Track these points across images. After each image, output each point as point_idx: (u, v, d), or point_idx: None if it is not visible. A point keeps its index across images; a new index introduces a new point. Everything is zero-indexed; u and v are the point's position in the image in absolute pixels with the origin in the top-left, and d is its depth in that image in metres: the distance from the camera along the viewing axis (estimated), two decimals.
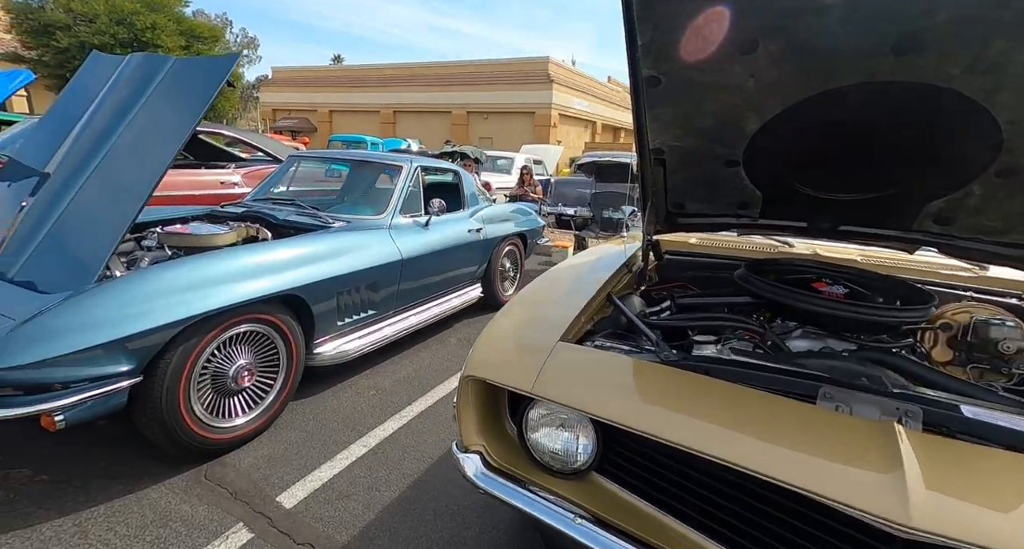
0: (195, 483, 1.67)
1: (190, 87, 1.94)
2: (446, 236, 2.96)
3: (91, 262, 1.63)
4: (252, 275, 1.84)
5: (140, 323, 1.48)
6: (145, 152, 1.84)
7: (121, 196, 1.76)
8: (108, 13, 13.45)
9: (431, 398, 2.33)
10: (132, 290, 1.53)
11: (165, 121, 1.89)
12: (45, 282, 1.60)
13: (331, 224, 2.51)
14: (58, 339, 1.36)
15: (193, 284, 1.66)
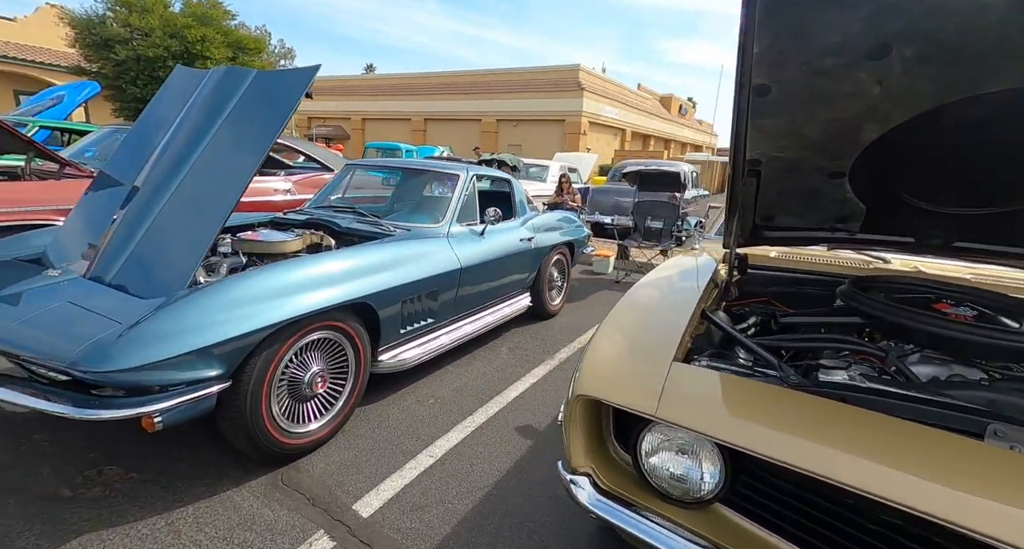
0: (273, 487, 1.69)
1: (271, 99, 2.00)
2: (500, 245, 2.95)
3: (182, 269, 1.68)
4: (329, 282, 1.87)
5: (234, 327, 1.52)
6: (229, 164, 1.90)
7: (207, 207, 1.82)
8: (162, 27, 14.23)
9: (491, 409, 2.31)
10: (226, 296, 1.57)
11: (248, 133, 1.95)
12: (140, 288, 1.67)
13: (392, 232, 2.54)
14: (162, 343, 1.40)
15: (279, 290, 1.69)
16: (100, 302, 1.57)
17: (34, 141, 3.08)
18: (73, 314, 1.50)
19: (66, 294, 1.62)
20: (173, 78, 2.35)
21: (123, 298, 1.61)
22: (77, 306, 1.54)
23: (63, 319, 1.48)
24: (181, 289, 1.64)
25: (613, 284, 4.94)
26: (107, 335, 1.39)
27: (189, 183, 1.91)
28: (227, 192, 1.80)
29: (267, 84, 2.06)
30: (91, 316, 1.49)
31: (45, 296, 1.61)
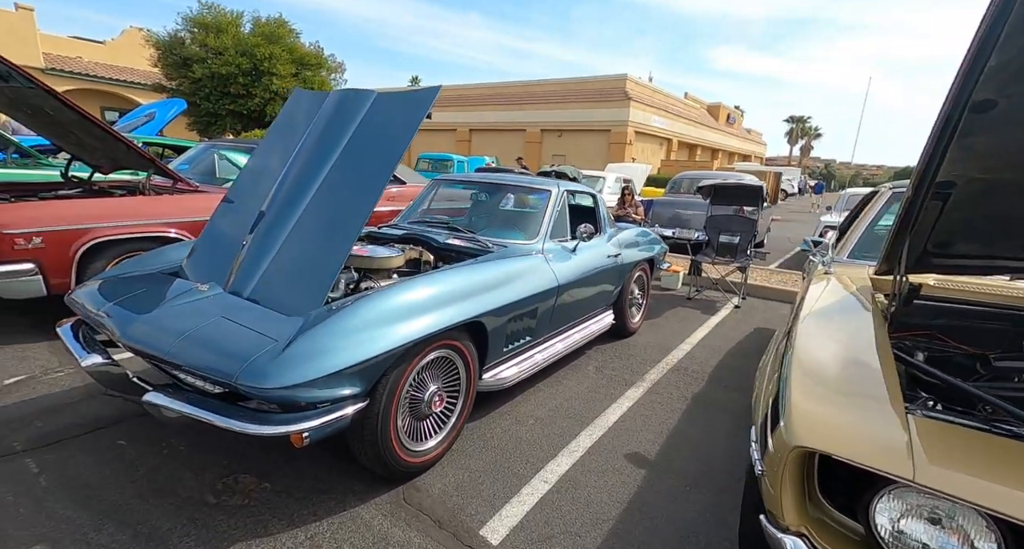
0: (397, 506, 1.69)
1: (393, 120, 2.05)
2: (591, 261, 2.90)
3: (318, 288, 1.73)
4: (452, 300, 1.88)
5: (377, 346, 1.54)
6: (355, 185, 1.95)
7: (336, 227, 1.87)
8: (235, 46, 15.27)
9: (594, 433, 2.24)
10: (368, 315, 1.60)
11: (371, 154, 2.00)
12: (280, 304, 1.73)
13: (490, 248, 2.54)
14: (316, 362, 1.43)
15: (412, 309, 1.71)
16: (249, 318, 1.63)
17: (154, 158, 3.33)
18: (229, 329, 1.57)
19: (217, 309, 1.69)
20: (292, 101, 2.47)
21: (267, 314, 1.67)
22: (230, 321, 1.61)
23: (222, 334, 1.55)
24: (317, 307, 1.68)
25: (685, 300, 4.76)
26: (265, 353, 1.44)
27: (317, 204, 1.98)
28: (355, 212, 1.85)
29: (388, 105, 2.11)
30: (246, 332, 1.55)
31: (200, 310, 1.69)
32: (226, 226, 2.20)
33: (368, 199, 1.86)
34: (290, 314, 1.66)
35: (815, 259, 2.40)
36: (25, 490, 1.69)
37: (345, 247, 1.78)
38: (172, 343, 1.52)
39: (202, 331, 1.56)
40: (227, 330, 1.57)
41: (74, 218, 2.85)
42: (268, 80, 15.10)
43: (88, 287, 2.03)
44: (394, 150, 1.95)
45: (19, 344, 2.85)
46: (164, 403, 1.50)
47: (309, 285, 1.75)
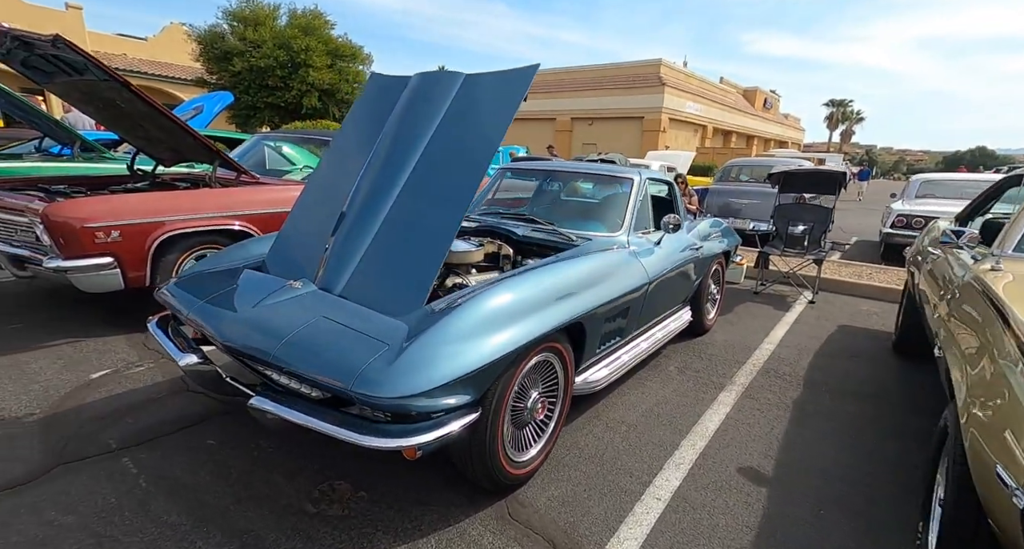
0: (504, 522, 1.58)
1: (488, 102, 1.89)
2: (675, 255, 2.70)
3: (419, 285, 1.60)
4: (556, 299, 1.73)
5: (493, 350, 1.42)
6: (450, 175, 1.81)
7: (434, 218, 1.74)
8: (272, 39, 15.43)
9: (696, 442, 2.06)
10: (481, 316, 1.47)
11: (466, 141, 1.85)
12: (378, 302, 1.61)
13: (574, 241, 2.38)
14: (434, 368, 1.31)
15: (522, 309, 1.58)
16: (350, 318, 1.53)
17: (220, 151, 3.30)
18: (334, 331, 1.47)
19: (316, 308, 1.60)
20: (371, 87, 2.34)
21: (367, 314, 1.56)
22: (333, 322, 1.51)
23: (327, 336, 1.45)
24: (418, 307, 1.57)
25: (752, 295, 4.48)
26: (379, 359, 1.32)
27: (408, 195, 1.84)
28: (453, 206, 1.71)
29: (479, 87, 1.95)
30: (353, 335, 1.44)
31: (298, 309, 1.60)
32: (308, 219, 2.11)
33: (466, 192, 1.72)
34: (390, 314, 1.55)
35: (962, 253, 2.12)
36: (126, 491, 1.66)
37: (444, 244, 1.64)
38: (277, 345, 1.43)
39: (306, 333, 1.46)
40: (332, 332, 1.47)
41: (150, 211, 2.84)
42: (304, 72, 15.22)
43: (178, 282, 1.98)
44: (491, 136, 1.79)
45: (98, 337, 2.89)
46: (271, 409, 1.42)
47: (408, 284, 1.63)
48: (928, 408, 2.45)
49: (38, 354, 2.62)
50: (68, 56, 2.75)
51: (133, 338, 2.91)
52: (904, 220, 5.93)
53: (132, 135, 3.70)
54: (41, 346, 2.72)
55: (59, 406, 2.14)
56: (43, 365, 2.51)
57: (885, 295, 4.52)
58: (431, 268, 1.62)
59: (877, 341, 3.38)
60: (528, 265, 1.99)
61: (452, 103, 1.96)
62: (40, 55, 2.90)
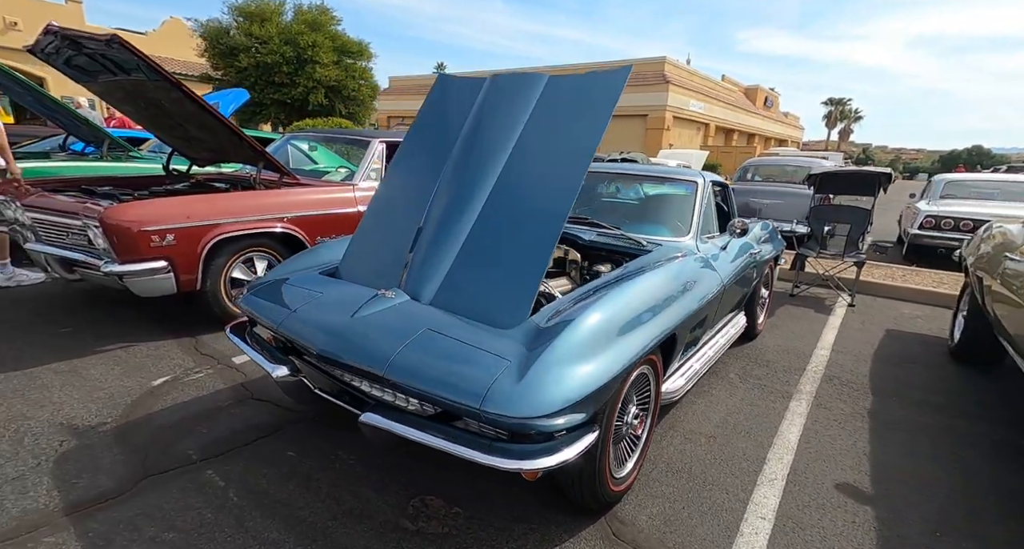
0: (610, 543, 1.54)
1: (578, 105, 1.84)
2: (740, 259, 2.67)
3: (522, 294, 1.56)
4: (658, 310, 1.70)
5: (614, 365, 1.38)
6: (544, 180, 1.77)
7: (530, 229, 1.69)
8: (279, 35, 15.27)
9: (781, 453, 2.03)
10: (594, 332, 1.43)
11: (558, 145, 1.81)
12: (479, 315, 1.57)
13: (645, 247, 2.34)
14: (564, 385, 1.27)
15: (629, 323, 1.55)
16: (457, 331, 1.48)
17: (265, 151, 3.24)
18: (446, 346, 1.42)
19: (418, 319, 1.55)
20: (438, 89, 2.28)
21: (473, 327, 1.51)
22: (441, 335, 1.46)
23: (441, 351, 1.40)
24: (524, 319, 1.53)
25: (788, 297, 4.46)
26: (503, 376, 1.28)
27: (499, 201, 1.80)
28: (552, 213, 1.66)
29: (567, 90, 1.91)
30: (468, 350, 1.39)
31: (399, 321, 1.56)
32: (383, 226, 2.06)
33: (564, 200, 1.67)
34: (496, 326, 1.51)
35: None
36: (220, 505, 1.62)
37: (546, 253, 1.60)
38: (387, 361, 1.38)
39: (417, 347, 1.41)
40: (443, 346, 1.42)
41: (203, 214, 2.79)
42: (311, 68, 15.07)
43: (258, 290, 1.93)
44: (587, 141, 1.74)
45: (149, 342, 2.84)
46: (384, 425, 1.38)
47: (511, 296, 1.58)
48: (1001, 418, 2.44)
49: (94, 360, 2.58)
50: (119, 56, 2.69)
51: (183, 342, 2.86)
52: (933, 221, 5.92)
53: (171, 135, 3.64)
54: (95, 351, 2.67)
55: (129, 415, 2.10)
56: (102, 371, 2.46)
57: (926, 298, 4.51)
58: (533, 279, 1.58)
59: (929, 346, 3.37)
60: (613, 274, 1.94)
61: (537, 107, 1.91)
62: (87, 54, 2.84)
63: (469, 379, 1.29)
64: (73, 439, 1.91)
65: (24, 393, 2.21)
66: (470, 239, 1.78)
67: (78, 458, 1.81)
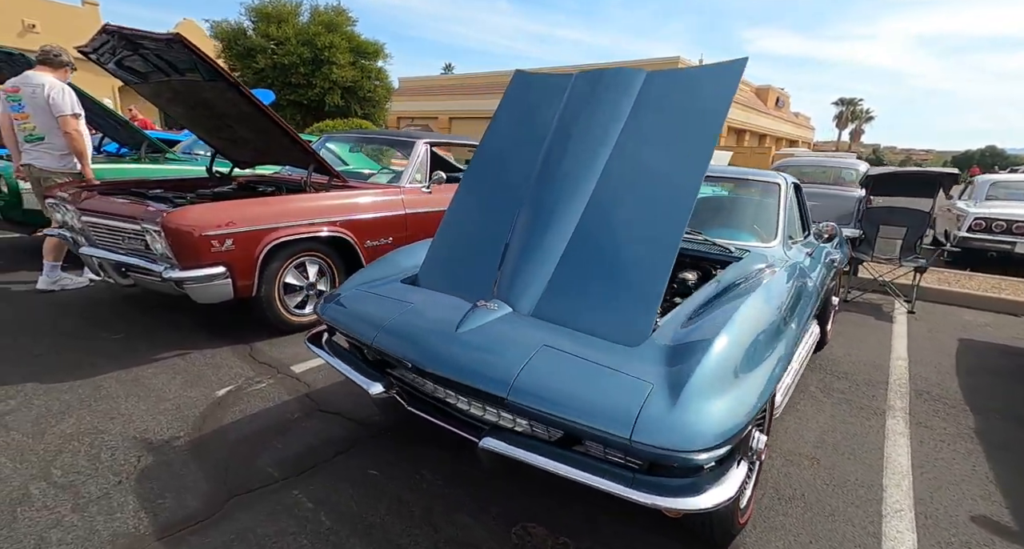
0: None
1: (686, 102, 1.72)
2: (824, 265, 2.54)
3: (644, 310, 1.44)
4: (784, 327, 1.58)
5: (759, 395, 1.26)
6: (656, 184, 1.64)
7: (644, 235, 1.57)
8: (296, 36, 15.28)
9: (898, 480, 1.89)
10: (736, 355, 1.31)
11: (670, 145, 1.68)
12: (596, 330, 1.45)
13: (734, 253, 2.22)
14: (722, 417, 1.15)
15: (764, 344, 1.43)
16: (579, 347, 1.37)
17: (316, 153, 3.16)
18: (571, 364, 1.30)
19: (530, 334, 1.44)
20: (517, 87, 2.17)
21: (591, 342, 1.39)
22: (561, 352, 1.35)
23: (568, 371, 1.28)
24: (648, 334, 1.41)
25: (842, 303, 4.30)
26: (651, 402, 1.16)
27: (605, 205, 1.68)
28: (670, 217, 1.54)
29: (670, 86, 1.78)
30: (596, 369, 1.27)
31: (511, 335, 1.44)
32: (468, 231, 1.95)
33: (682, 203, 1.55)
34: (617, 343, 1.40)
35: None
36: (314, 530, 1.52)
37: (667, 264, 1.47)
38: (509, 382, 1.26)
39: (540, 366, 1.30)
40: (571, 366, 1.30)
41: (261, 218, 2.70)
42: (328, 69, 15.05)
43: (340, 300, 1.83)
44: (702, 140, 1.62)
45: (204, 349, 2.76)
46: (510, 453, 1.27)
47: (630, 309, 1.46)
48: None
49: (154, 368, 2.50)
50: (177, 56, 2.61)
51: (238, 350, 2.78)
52: (983, 223, 5.73)
53: (216, 136, 3.57)
54: (153, 359, 2.59)
55: (200, 428, 2.01)
56: (163, 381, 2.38)
57: (988, 304, 4.33)
58: (654, 293, 1.45)
59: (1011, 358, 3.21)
60: (711, 285, 1.82)
61: (637, 105, 1.79)
62: (141, 55, 2.77)
63: (613, 405, 1.18)
64: (149, 455, 1.82)
65: (91, 404, 2.13)
66: (572, 247, 1.67)
67: (158, 475, 1.72)
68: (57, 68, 3.23)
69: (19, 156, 3.31)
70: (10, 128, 3.24)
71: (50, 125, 3.17)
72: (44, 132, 3.20)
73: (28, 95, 3.14)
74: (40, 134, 3.20)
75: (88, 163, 3.34)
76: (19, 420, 1.98)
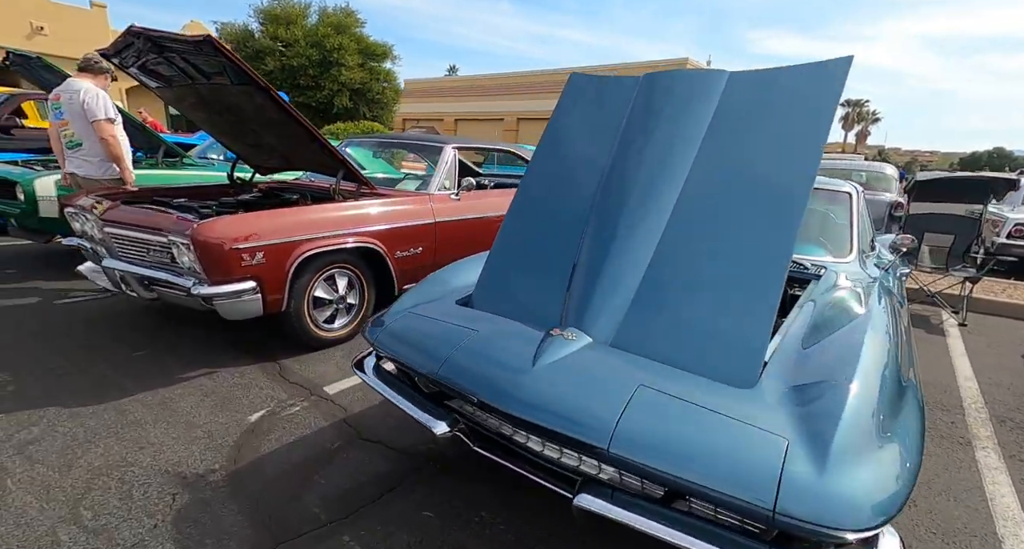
0: None
1: (786, 105, 1.55)
2: (897, 280, 2.36)
3: (751, 346, 1.27)
4: (900, 361, 1.40)
5: (916, 452, 1.08)
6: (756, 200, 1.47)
7: (748, 254, 1.40)
8: (304, 38, 15.22)
9: (1013, 528, 1.70)
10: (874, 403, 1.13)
11: (769, 155, 1.52)
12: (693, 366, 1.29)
13: (810, 270, 2.05)
14: (887, 490, 0.96)
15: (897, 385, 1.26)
16: (685, 389, 1.20)
17: (347, 160, 3.01)
18: (680, 409, 1.14)
19: (621, 371, 1.28)
20: (575, 92, 2.01)
21: (701, 383, 1.23)
22: (664, 395, 1.18)
23: (679, 418, 1.12)
24: (757, 373, 1.25)
25: None
26: (794, 464, 0.98)
27: (692, 220, 1.52)
28: (774, 235, 1.37)
29: (759, 88, 1.62)
30: (715, 419, 1.10)
31: (600, 371, 1.28)
32: (529, 246, 1.79)
33: (792, 211, 1.37)
34: (723, 382, 1.23)
35: None
36: None
37: (775, 289, 1.30)
38: (611, 432, 1.10)
39: (645, 413, 1.13)
40: (683, 413, 1.13)
41: (292, 229, 2.55)
42: (337, 71, 14.99)
43: (394, 323, 1.67)
44: (809, 148, 1.44)
45: (231, 367, 2.61)
46: (614, 515, 1.10)
47: (734, 337, 1.30)
48: None
49: (181, 390, 2.35)
50: (207, 59, 2.47)
51: (266, 368, 2.63)
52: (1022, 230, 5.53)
53: (240, 142, 3.43)
54: (179, 378, 2.44)
55: (236, 460, 1.86)
56: (192, 404, 2.23)
57: None
58: (763, 325, 1.28)
59: None
60: (806, 310, 1.65)
61: (721, 109, 1.63)
62: (166, 58, 2.63)
63: (747, 465, 1.00)
64: (185, 492, 1.67)
65: (118, 431, 1.98)
66: (656, 266, 1.50)
67: (197, 517, 1.56)
68: (97, 74, 3.19)
69: (64, 164, 3.30)
70: (57, 137, 3.26)
71: (87, 131, 3.14)
72: (82, 138, 3.18)
73: (67, 102, 3.13)
74: (78, 140, 3.19)
75: (127, 168, 3.29)
76: (44, 451, 1.83)
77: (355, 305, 3.01)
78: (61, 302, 3.39)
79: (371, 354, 1.81)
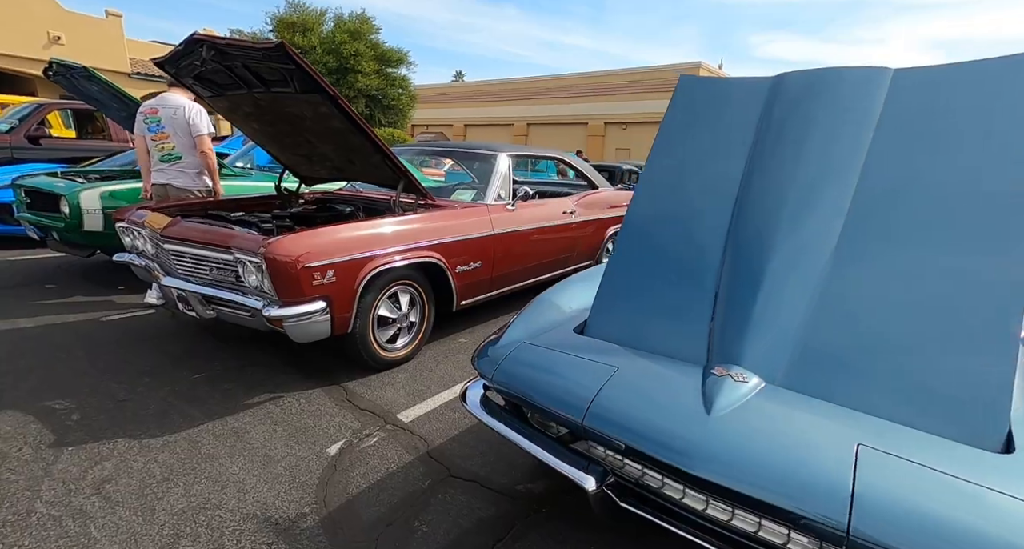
0: None
1: (981, 100, 1.36)
2: None
3: (991, 398, 1.06)
4: None
5: None
6: (953, 220, 1.27)
7: (954, 281, 1.21)
8: (321, 45, 15.20)
9: None
10: None
11: (981, 149, 1.31)
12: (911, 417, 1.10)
13: None
14: None
15: None
16: (924, 454, 0.99)
17: (407, 170, 2.88)
18: (924, 478, 0.94)
19: (822, 423, 1.10)
20: (686, 97, 1.85)
21: (937, 445, 1.02)
22: (894, 457, 0.98)
23: (942, 498, 0.91)
24: (1002, 432, 1.04)
25: None
26: None
27: (871, 230, 1.33)
28: (1002, 238, 1.16)
29: (945, 86, 1.41)
30: (973, 491, 0.91)
31: (794, 426, 1.11)
32: (655, 267, 1.62)
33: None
34: (963, 440, 1.03)
35: None
36: None
37: (1017, 307, 1.09)
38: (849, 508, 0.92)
39: (883, 483, 0.94)
40: (935, 487, 0.93)
41: (360, 245, 2.42)
42: (353, 78, 14.92)
43: (515, 358, 1.51)
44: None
45: (296, 392, 2.46)
46: None
47: (966, 381, 1.09)
48: None
49: (248, 418, 2.20)
50: (274, 66, 2.35)
51: (332, 392, 2.49)
52: None
53: (290, 152, 3.31)
54: (244, 405, 2.30)
55: (325, 502, 1.71)
56: (264, 434, 2.08)
57: None
58: (1004, 357, 1.06)
59: None
60: None
61: (889, 111, 1.44)
62: (226, 66, 2.51)
63: None
64: (280, 541, 1.52)
65: (195, 467, 1.84)
66: (831, 296, 1.31)
67: None
68: (187, 89, 3.19)
69: (150, 176, 3.36)
70: (145, 150, 3.34)
71: (188, 144, 3.27)
72: (182, 151, 3.29)
73: (168, 116, 3.24)
74: (178, 153, 3.30)
75: (219, 180, 3.46)
76: (122, 491, 1.69)
77: (415, 323, 2.87)
78: (106, 319, 3.27)
79: (475, 383, 1.65)
